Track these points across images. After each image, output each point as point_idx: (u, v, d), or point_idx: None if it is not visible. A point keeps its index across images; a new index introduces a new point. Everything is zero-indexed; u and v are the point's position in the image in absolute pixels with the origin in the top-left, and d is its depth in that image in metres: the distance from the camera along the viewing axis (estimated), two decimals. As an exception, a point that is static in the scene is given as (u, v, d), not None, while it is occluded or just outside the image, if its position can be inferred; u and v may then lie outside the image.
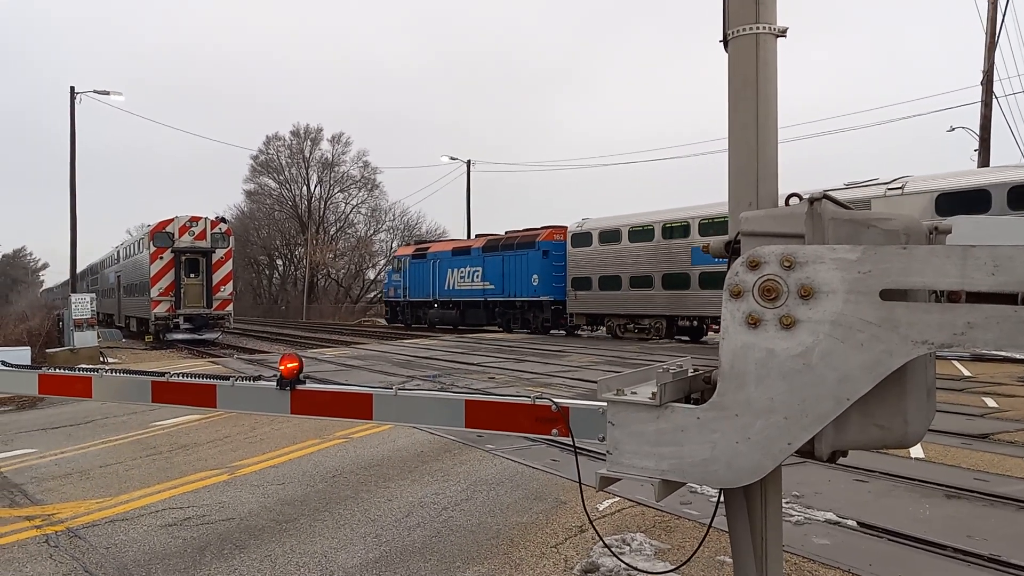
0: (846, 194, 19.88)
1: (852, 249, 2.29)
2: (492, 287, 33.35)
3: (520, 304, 31.83)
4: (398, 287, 40.91)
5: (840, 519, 5.45)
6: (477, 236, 39.05)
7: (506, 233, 34.86)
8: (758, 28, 2.86)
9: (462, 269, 35.47)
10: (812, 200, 2.52)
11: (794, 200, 2.66)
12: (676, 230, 24.62)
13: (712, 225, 23.05)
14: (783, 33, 2.93)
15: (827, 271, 2.30)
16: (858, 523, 5.37)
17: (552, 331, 30.42)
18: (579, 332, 29.86)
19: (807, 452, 2.45)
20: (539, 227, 32.13)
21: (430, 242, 44.98)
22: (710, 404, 2.44)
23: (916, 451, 7.41)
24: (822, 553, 4.80)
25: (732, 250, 2.76)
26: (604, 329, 28.01)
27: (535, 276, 30.57)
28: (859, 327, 2.25)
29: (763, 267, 2.36)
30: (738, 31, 2.89)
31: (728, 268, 2.50)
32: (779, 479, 2.86)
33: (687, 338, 25.59)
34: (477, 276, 34.38)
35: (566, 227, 29.79)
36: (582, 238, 28.37)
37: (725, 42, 2.99)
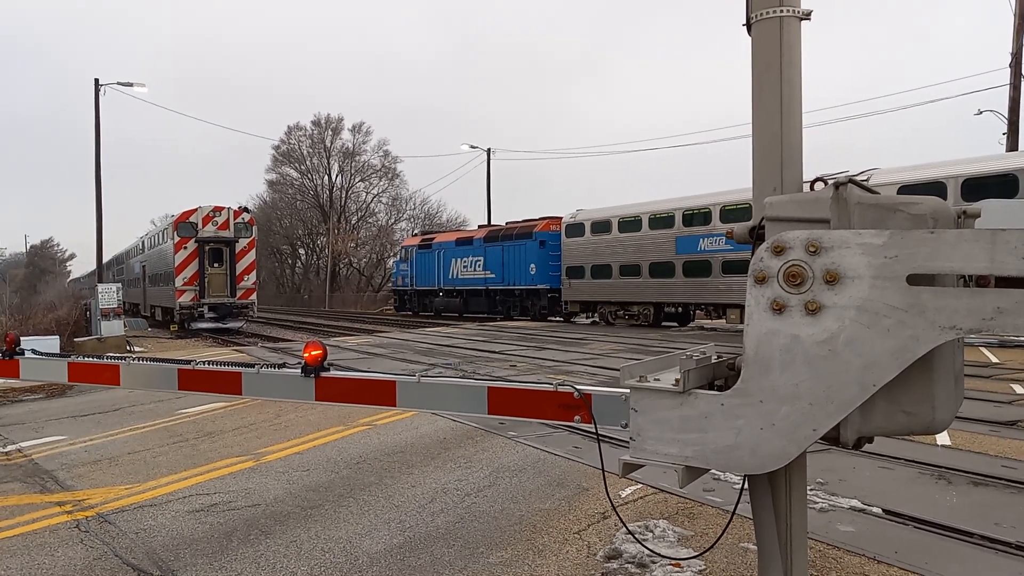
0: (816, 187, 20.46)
1: (878, 234, 2.26)
2: (493, 276, 34.57)
3: (519, 292, 33.03)
4: (405, 276, 42.34)
5: (865, 506, 5.42)
6: (479, 227, 40.33)
7: (506, 224, 36.01)
8: (782, 11, 2.82)
9: (465, 259, 36.74)
10: (837, 185, 2.49)
11: (819, 185, 2.63)
12: (661, 221, 25.73)
13: (695, 216, 24.33)
14: (807, 16, 2.89)
15: (853, 256, 2.28)
16: (883, 510, 5.34)
17: (549, 318, 31.33)
18: (575, 319, 30.55)
19: (832, 438, 2.43)
20: (536, 218, 33.25)
21: (435, 233, 46.48)
22: (734, 390, 2.43)
23: (943, 438, 7.34)
24: (847, 540, 4.78)
25: (756, 235, 2.74)
26: (597, 316, 28.94)
27: (532, 265, 31.80)
28: (885, 312, 2.23)
29: (788, 252, 2.34)
30: (761, 14, 2.86)
31: (752, 254, 2.48)
32: (804, 466, 2.85)
33: (676, 324, 26.54)
34: (479, 265, 35.58)
35: (562, 218, 30.71)
36: (575, 229, 29.29)
37: (748, 26, 2.96)
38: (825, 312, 2.30)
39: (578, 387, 2.98)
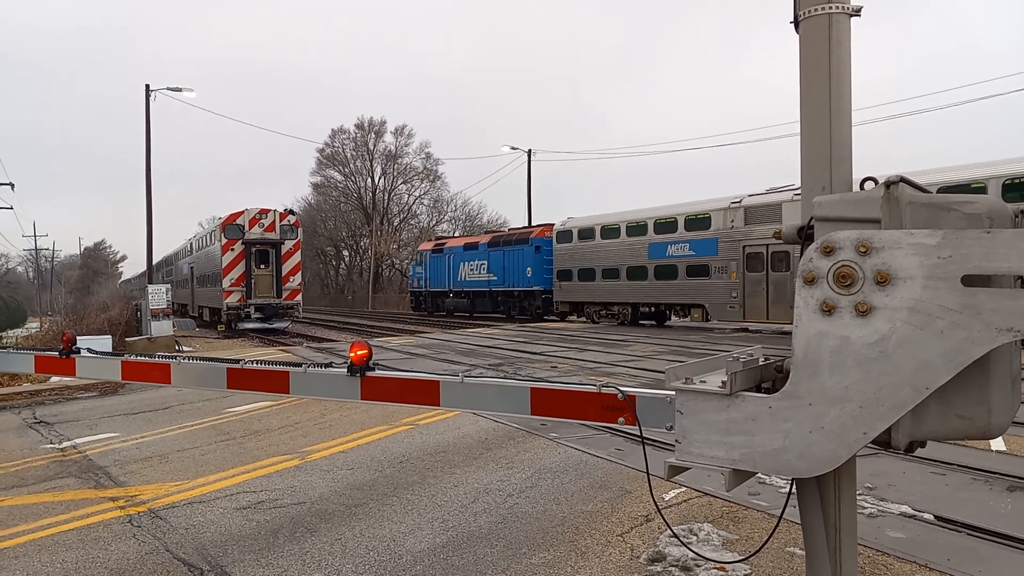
0: (765, 199, 23.31)
1: (931, 234, 2.21)
2: (495, 278, 37.52)
3: (517, 293, 35.92)
4: (421, 278, 45.25)
5: (916, 512, 5.30)
6: (484, 232, 44.00)
7: (508, 230, 39.56)
8: (831, 8, 2.78)
9: (471, 262, 39.68)
10: (888, 184, 2.45)
11: (869, 184, 2.58)
12: (636, 229, 28.12)
13: (664, 225, 26.76)
14: (857, 12, 2.84)
15: (905, 256, 2.23)
16: (935, 516, 5.21)
17: (545, 317, 33.89)
18: (568, 319, 32.71)
19: (883, 442, 2.39)
20: (534, 225, 36.84)
21: (447, 238, 50.06)
22: (783, 393, 2.40)
23: (997, 443, 7.15)
24: (897, 547, 4.68)
25: (805, 236, 2.70)
26: (584, 315, 31.44)
27: (529, 268, 34.75)
28: (939, 314, 2.18)
29: (838, 253, 2.31)
30: (810, 11, 2.82)
31: (801, 254, 2.44)
32: (853, 469, 2.80)
33: (653, 322, 28.71)
34: (483, 269, 38.54)
35: (554, 225, 33.91)
36: (565, 235, 32.03)
37: (796, 23, 2.92)
38: (876, 313, 2.26)
39: (622, 389, 2.97)
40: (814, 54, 2.82)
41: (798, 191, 2.59)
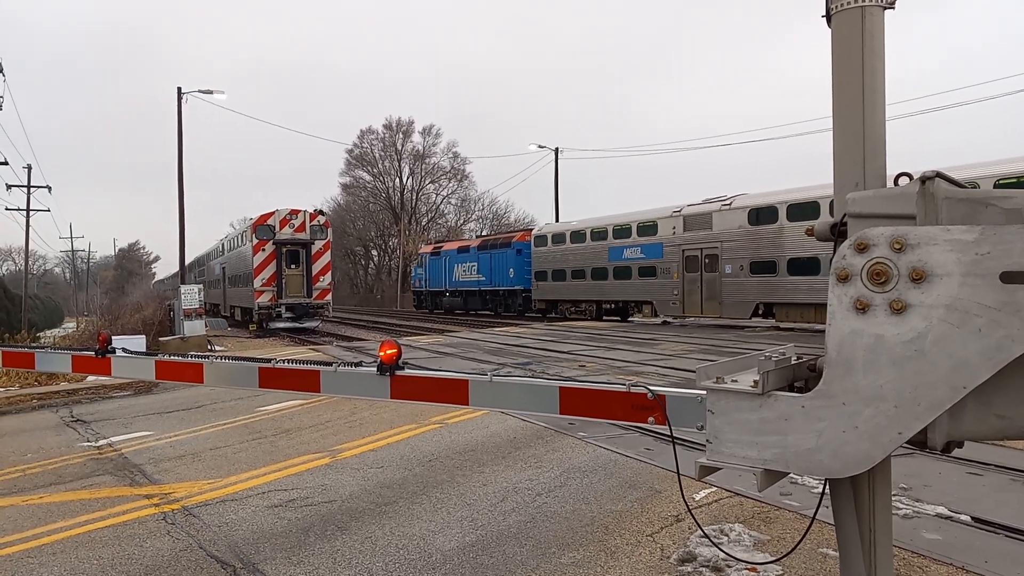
0: (700, 208, 26.82)
1: (969, 230, 2.17)
2: (483, 279, 41.24)
3: (502, 292, 39.69)
4: (421, 279, 49.24)
5: (952, 513, 5.20)
6: (476, 237, 48.93)
7: (494, 235, 44.50)
8: (864, 0, 2.73)
9: (464, 264, 43.44)
10: (924, 179, 2.40)
11: (904, 179, 2.54)
12: (599, 234, 32.12)
13: (621, 231, 30.61)
14: (891, 5, 2.79)
15: (941, 253, 2.19)
16: (972, 518, 5.11)
17: (526, 314, 37.69)
18: (549, 315, 35.80)
19: (919, 442, 2.34)
20: (516, 230, 41.09)
21: (444, 242, 54.20)
22: (816, 392, 2.36)
23: (1036, 444, 7.00)
24: (933, 548, 4.60)
25: (838, 233, 2.66)
26: (557, 312, 35.07)
27: (511, 270, 38.50)
28: (977, 312, 2.13)
29: (872, 250, 2.27)
30: (843, 4, 2.77)
31: (834, 251, 2.41)
32: (888, 470, 2.75)
33: (618, 318, 31.95)
34: (474, 270, 42.22)
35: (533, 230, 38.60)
36: (541, 240, 35.98)
37: (828, 17, 2.87)
38: (911, 311, 2.21)
39: (652, 388, 2.95)
40: (847, 48, 2.77)
41: (727, 202, 2.59)
